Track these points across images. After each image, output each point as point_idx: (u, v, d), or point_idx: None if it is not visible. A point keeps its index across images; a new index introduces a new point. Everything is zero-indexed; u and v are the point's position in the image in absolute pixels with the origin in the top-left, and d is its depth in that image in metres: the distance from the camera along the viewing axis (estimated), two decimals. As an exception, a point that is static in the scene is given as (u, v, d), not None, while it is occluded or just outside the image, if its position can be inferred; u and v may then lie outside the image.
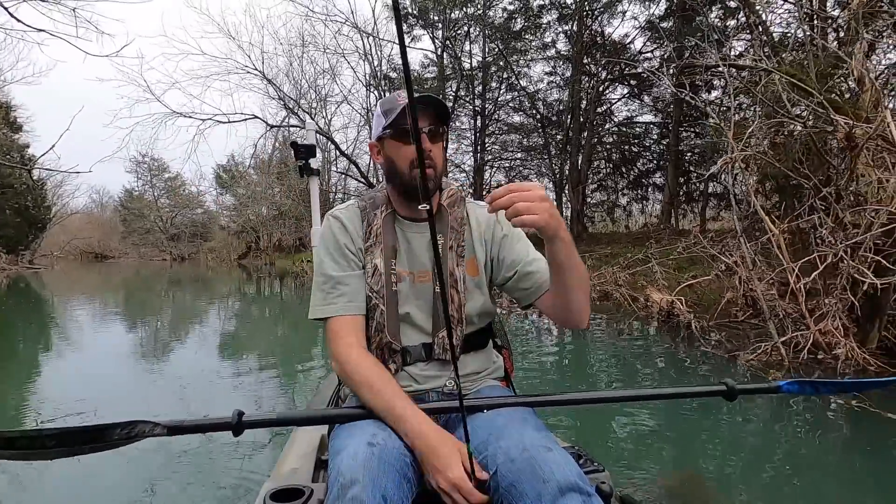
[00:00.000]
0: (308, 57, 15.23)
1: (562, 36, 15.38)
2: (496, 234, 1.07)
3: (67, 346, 5.51)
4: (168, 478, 2.11)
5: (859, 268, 2.88)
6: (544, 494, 0.71)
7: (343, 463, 0.77)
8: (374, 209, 1.05)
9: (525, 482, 0.74)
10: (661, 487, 1.98)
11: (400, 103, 0.96)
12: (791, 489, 1.97)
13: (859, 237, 2.88)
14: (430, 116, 0.97)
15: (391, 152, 1.00)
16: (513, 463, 0.77)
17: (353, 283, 1.01)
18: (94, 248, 38.57)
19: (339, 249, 1.02)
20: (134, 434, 0.78)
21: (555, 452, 0.77)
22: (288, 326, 6.91)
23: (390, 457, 0.79)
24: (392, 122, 0.96)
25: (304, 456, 1.11)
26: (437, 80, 15.35)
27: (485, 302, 1.05)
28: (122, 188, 37.46)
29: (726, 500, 1.92)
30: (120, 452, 2.16)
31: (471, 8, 14.96)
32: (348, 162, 15.76)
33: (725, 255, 4.28)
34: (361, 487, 0.71)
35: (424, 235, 1.03)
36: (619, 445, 2.38)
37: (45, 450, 0.75)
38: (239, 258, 29.04)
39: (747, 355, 3.49)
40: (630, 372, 3.93)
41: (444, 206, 1.06)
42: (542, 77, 16.24)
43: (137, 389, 3.62)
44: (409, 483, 0.80)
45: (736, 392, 0.88)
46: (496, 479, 0.78)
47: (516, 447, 0.79)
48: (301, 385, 3.59)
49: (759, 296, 3.57)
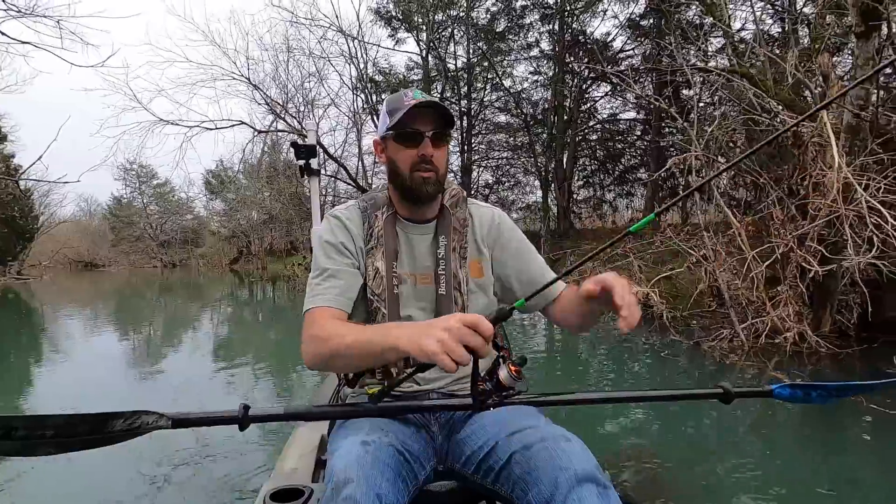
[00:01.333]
0: (294, 61, 15.33)
1: (545, 35, 15.66)
2: (500, 237, 1.07)
3: (61, 356, 5.45)
4: (168, 478, 2.11)
5: (805, 257, 3.12)
6: (561, 482, 0.70)
7: (337, 462, 0.76)
8: (375, 210, 1.03)
9: (541, 469, 0.74)
10: (659, 486, 1.98)
11: (406, 103, 0.95)
12: (789, 485, 1.99)
13: (805, 229, 3.12)
14: (434, 120, 0.97)
15: (393, 154, 0.99)
16: (529, 450, 0.77)
17: (344, 279, 0.98)
18: (83, 257, 38.22)
19: (336, 247, 1.01)
20: (137, 425, 0.76)
21: (574, 443, 0.77)
22: (283, 330, 7.04)
23: (385, 455, 0.79)
24: (396, 123, 0.95)
25: (304, 456, 1.11)
26: (422, 81, 15.52)
27: (488, 303, 1.05)
28: (110, 196, 37.07)
29: (725, 498, 1.93)
30: (120, 451, 2.20)
31: (454, 10, 15.18)
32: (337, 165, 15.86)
33: (694, 249, 4.51)
34: (355, 486, 0.71)
35: (426, 237, 1.02)
36: (619, 444, 2.39)
37: (45, 440, 0.71)
38: (231, 263, 29.00)
39: (709, 342, 3.73)
40: (607, 360, 4.17)
41: (447, 207, 1.05)
42: (526, 76, 16.53)
43: (132, 397, 3.64)
44: (404, 482, 0.79)
45: (732, 395, 0.89)
46: (508, 468, 0.78)
47: (534, 436, 0.79)
48: (299, 387, 3.67)
49: (721, 285, 3.81)
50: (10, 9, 7.15)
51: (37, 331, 7.87)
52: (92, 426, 0.74)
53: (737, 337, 3.70)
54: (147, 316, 9.33)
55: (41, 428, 0.71)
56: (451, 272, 0.99)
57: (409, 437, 0.88)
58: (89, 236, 39.59)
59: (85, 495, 2.03)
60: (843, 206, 2.69)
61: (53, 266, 35.54)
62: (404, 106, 0.95)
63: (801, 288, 3.29)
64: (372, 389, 0.94)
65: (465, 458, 0.88)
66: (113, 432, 0.75)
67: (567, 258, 9.53)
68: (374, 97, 15.82)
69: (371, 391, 0.93)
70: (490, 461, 0.82)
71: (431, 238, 1.02)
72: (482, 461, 0.84)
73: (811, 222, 3.07)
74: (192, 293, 14.32)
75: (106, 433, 0.74)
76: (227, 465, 2.19)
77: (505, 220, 1.10)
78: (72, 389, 3.95)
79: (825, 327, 3.70)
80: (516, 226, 1.12)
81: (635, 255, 6.99)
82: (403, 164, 0.98)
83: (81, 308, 11.04)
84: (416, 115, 0.95)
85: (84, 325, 8.13)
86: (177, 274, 25.55)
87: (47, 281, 23.89)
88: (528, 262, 1.07)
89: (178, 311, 10.05)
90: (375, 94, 15.86)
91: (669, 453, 2.34)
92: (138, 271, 31.05)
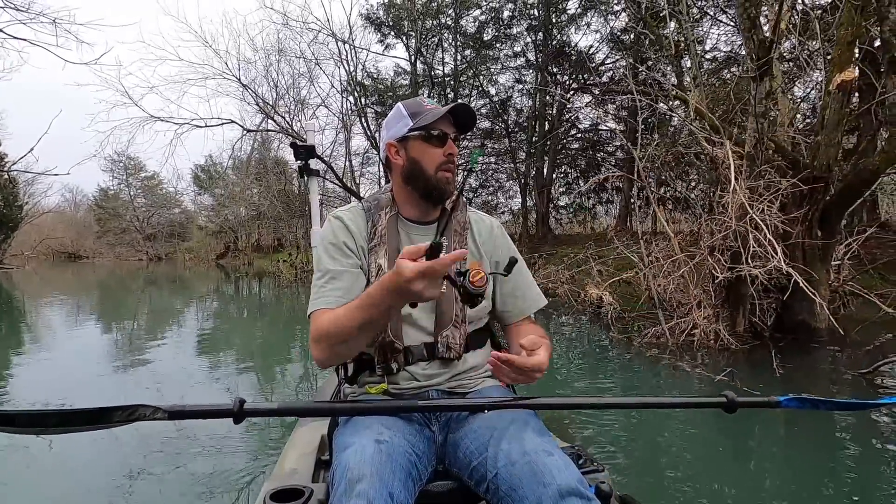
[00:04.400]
0: (286, 60, 15.66)
1: (531, 45, 16.19)
2: (497, 247, 1.11)
3: (41, 348, 5.30)
4: (168, 478, 2.12)
5: (714, 265, 3.61)
6: (544, 498, 0.72)
7: (351, 459, 0.77)
8: (378, 210, 1.06)
9: (525, 486, 0.75)
10: (660, 487, 2.00)
11: (429, 108, 1.01)
12: (789, 488, 2.00)
13: (713, 240, 3.61)
14: (452, 124, 1.02)
15: (418, 154, 1.01)
16: (513, 466, 0.78)
17: (347, 279, 1.00)
18: (67, 248, 37.92)
19: (338, 247, 1.02)
20: (135, 417, 0.78)
21: (556, 457, 0.78)
22: (268, 327, 7.20)
23: (397, 455, 0.80)
24: (425, 125, 0.99)
25: (304, 456, 1.11)
26: (410, 86, 15.95)
27: (486, 306, 1.07)
28: (96, 187, 36.86)
29: (725, 498, 1.94)
30: (119, 451, 2.41)
31: (443, 17, 15.64)
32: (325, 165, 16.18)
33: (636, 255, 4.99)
34: (369, 483, 0.72)
35: (428, 238, 1.03)
36: (618, 445, 2.42)
37: (45, 427, 0.76)
38: (217, 258, 29.10)
39: (639, 339, 4.20)
40: (564, 357, 4.57)
41: (447, 209, 1.06)
42: (512, 84, 17.05)
43: (114, 390, 3.55)
44: (413, 483, 0.81)
45: (736, 405, 0.88)
46: (496, 482, 0.79)
47: (517, 450, 0.79)
48: (295, 386, 3.64)
49: (652, 289, 4.29)
50: (7, 6, 7.46)
51: (19, 322, 7.73)
52: (89, 419, 0.77)
53: (663, 335, 4.18)
54: (132, 309, 9.35)
55: (41, 423, 0.77)
56: (452, 270, 1.04)
57: (415, 437, 0.90)
58: (74, 227, 39.27)
59: (85, 497, 2.03)
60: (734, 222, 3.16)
61: (36, 256, 35.20)
62: (428, 109, 1.00)
63: (712, 292, 3.78)
64: (373, 388, 0.97)
65: (459, 462, 0.90)
66: (110, 422, 0.77)
67: (537, 262, 10.03)
68: (362, 100, 16.21)
69: (372, 389, 0.97)
70: (481, 471, 0.83)
71: (432, 238, 1.07)
72: (474, 469, 0.85)
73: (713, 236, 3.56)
74: (178, 287, 14.48)
75: (104, 423, 0.78)
76: (227, 466, 2.20)
77: (502, 231, 1.15)
78: (52, 382, 3.78)
79: (739, 327, 4.20)
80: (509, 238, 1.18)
81: (595, 262, 7.54)
82: (429, 163, 1.01)
83: (65, 298, 11.12)
84: (440, 118, 1.00)
85: (70, 315, 8.16)
86: (163, 267, 25.51)
87: (30, 271, 23.77)
88: (516, 275, 1.07)
89: (162, 304, 10.20)
90: (364, 98, 16.25)
91: (669, 453, 2.35)
92: (123, 264, 30.90)
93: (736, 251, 3.51)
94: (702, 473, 2.14)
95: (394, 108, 1.06)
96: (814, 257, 4.19)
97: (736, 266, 3.49)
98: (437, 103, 1.05)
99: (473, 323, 1.05)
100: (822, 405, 0.92)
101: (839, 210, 4.18)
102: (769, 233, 3.06)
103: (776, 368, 3.27)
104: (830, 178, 3.91)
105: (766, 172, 3.53)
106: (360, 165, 19.64)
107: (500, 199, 19.01)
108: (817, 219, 4.15)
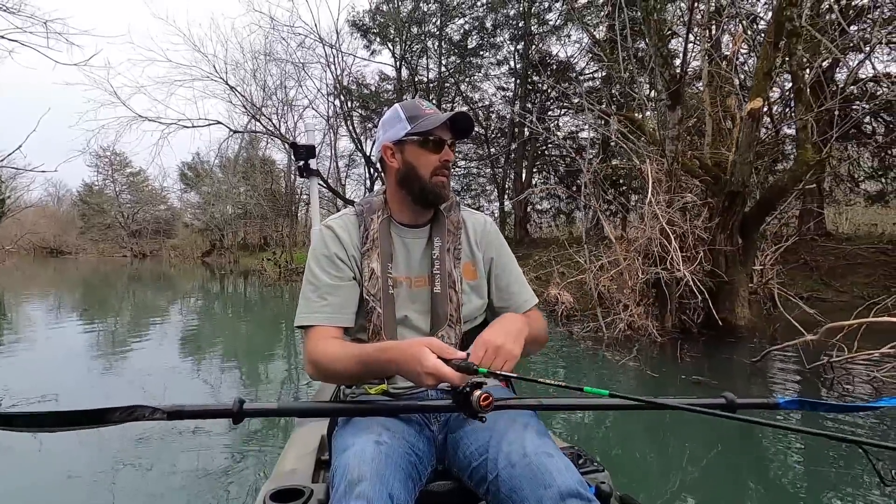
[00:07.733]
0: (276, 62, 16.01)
1: (514, 54, 16.76)
2: (491, 243, 1.12)
3: (23, 346, 5.04)
4: (168, 479, 2.12)
5: (639, 268, 4.13)
6: (545, 501, 0.72)
7: (351, 459, 0.78)
8: (370, 214, 1.05)
9: (526, 488, 0.75)
10: (660, 487, 1.99)
11: (427, 113, 1.00)
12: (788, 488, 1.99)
13: (637, 245, 4.13)
14: (449, 130, 1.02)
15: (413, 158, 1.01)
16: (514, 468, 0.78)
17: (340, 294, 1.00)
18: (49, 244, 37.54)
19: (329, 259, 1.02)
20: (134, 417, 0.78)
21: (556, 458, 0.78)
22: (254, 327, 7.25)
23: (397, 456, 0.81)
24: (423, 130, 0.99)
25: (303, 456, 1.12)
26: (394, 92, 16.40)
27: (481, 304, 1.08)
28: (81, 182, 36.61)
29: (725, 498, 1.95)
30: (118, 453, 2.49)
31: (428, 25, 16.14)
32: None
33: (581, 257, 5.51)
34: (369, 484, 0.73)
35: (421, 241, 1.05)
36: (618, 445, 2.41)
37: (43, 427, 0.77)
38: (203, 256, 29.19)
39: (579, 331, 4.71)
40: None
41: (441, 210, 1.07)
42: (494, 91, 17.62)
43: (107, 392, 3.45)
44: (413, 483, 0.81)
45: (736, 406, 0.89)
46: (496, 484, 0.79)
47: (517, 452, 0.80)
48: (291, 386, 3.66)
49: (592, 288, 4.80)
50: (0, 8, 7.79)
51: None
52: (88, 420, 0.78)
53: (600, 329, 4.70)
54: (114, 307, 9.34)
55: (40, 423, 0.78)
56: (445, 271, 1.02)
57: (415, 437, 0.90)
58: (57, 222, 38.89)
59: (85, 497, 2.03)
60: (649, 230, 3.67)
61: (17, 251, 34.83)
62: (427, 114, 1.00)
63: (639, 293, 4.30)
64: (372, 389, 0.97)
65: (459, 462, 0.90)
66: (109, 421, 0.78)
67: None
68: (348, 104, 16.62)
69: (371, 390, 0.97)
70: (481, 472, 0.84)
71: (426, 241, 1.06)
72: (474, 470, 0.85)
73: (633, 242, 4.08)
74: (162, 284, 14.65)
75: (103, 423, 0.78)
76: (226, 466, 2.20)
77: (495, 227, 1.16)
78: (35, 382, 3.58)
79: (668, 323, 4.73)
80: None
81: (559, 264, 8.10)
82: (425, 168, 1.00)
83: (46, 295, 11.12)
84: (438, 124, 1.00)
85: (52, 312, 8.08)
86: (147, 265, 25.47)
87: (10, 266, 23.55)
88: (508, 272, 1.11)
89: (145, 301, 10.36)
90: (349, 102, 16.66)
91: (670, 453, 2.35)
92: (107, 260, 30.73)
93: (658, 255, 4.04)
94: (701, 473, 2.14)
95: (391, 108, 1.06)
96: (735, 262, 4.75)
97: (653, 269, 4.01)
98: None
99: (469, 322, 1.06)
100: (821, 407, 0.94)
101: (756, 220, 4.74)
102: (675, 241, 3.57)
103: (680, 356, 3.79)
104: (746, 192, 4.46)
105: (684, 187, 4.06)
106: (346, 167, 20.05)
107: (483, 203, 19.59)
108: (738, 228, 4.72)
